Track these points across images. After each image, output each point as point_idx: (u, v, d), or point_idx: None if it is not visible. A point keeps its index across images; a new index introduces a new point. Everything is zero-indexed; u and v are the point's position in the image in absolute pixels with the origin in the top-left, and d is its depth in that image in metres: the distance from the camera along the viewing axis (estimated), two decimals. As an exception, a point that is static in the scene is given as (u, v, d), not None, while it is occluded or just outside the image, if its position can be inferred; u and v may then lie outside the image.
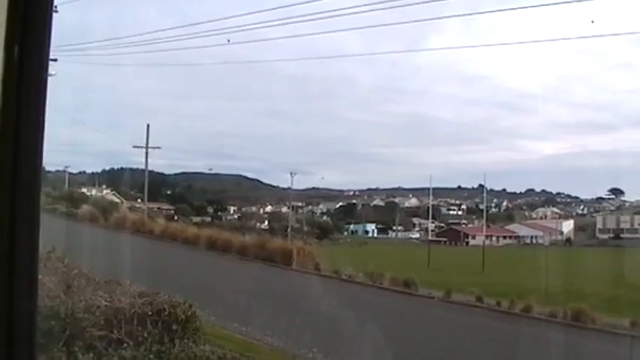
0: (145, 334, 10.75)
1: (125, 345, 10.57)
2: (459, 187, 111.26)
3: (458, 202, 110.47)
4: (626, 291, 29.75)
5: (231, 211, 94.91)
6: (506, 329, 24.51)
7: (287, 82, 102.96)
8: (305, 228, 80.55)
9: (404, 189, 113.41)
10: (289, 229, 68.42)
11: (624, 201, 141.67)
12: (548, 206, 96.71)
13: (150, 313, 11.06)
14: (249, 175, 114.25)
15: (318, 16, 28.62)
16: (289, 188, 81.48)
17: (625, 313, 24.34)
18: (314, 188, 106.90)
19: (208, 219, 79.41)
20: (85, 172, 77.59)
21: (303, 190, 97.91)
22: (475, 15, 31.04)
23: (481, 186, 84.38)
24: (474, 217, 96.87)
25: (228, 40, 32.90)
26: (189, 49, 45.09)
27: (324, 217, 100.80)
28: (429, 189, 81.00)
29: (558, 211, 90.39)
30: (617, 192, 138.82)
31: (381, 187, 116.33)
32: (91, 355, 10.05)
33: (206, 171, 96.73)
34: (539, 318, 24.76)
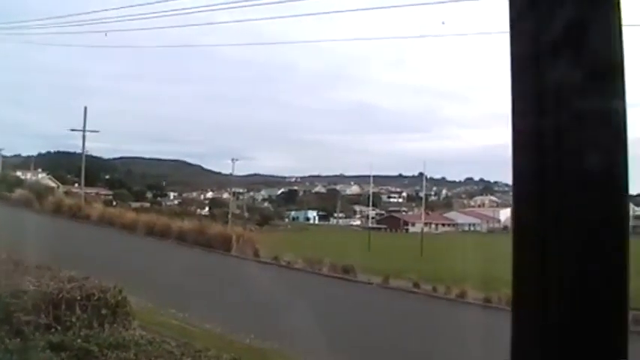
0: (74, 319, 10.56)
1: (53, 330, 10.37)
2: (400, 174, 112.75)
3: (398, 189, 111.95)
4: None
5: (172, 197, 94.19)
6: (439, 313, 24.93)
7: (232, 67, 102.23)
8: (246, 214, 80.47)
9: (345, 176, 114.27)
10: (230, 215, 68.18)
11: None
12: (486, 194, 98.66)
13: (79, 297, 10.86)
14: (190, 160, 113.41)
15: (263, 1, 28.38)
16: (231, 174, 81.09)
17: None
18: (255, 174, 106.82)
19: (148, 204, 78.46)
20: (20, 155, 75.92)
21: (245, 176, 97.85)
22: (419, 6, 31.26)
23: (421, 174, 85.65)
24: (413, 204, 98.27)
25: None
26: (133, 31, 44.35)
27: (266, 204, 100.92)
28: (370, 176, 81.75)
29: (496, 200, 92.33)
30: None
31: (323, 173, 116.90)
32: (19, 340, 9.82)
33: (146, 155, 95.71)
34: (474, 303, 25.23)
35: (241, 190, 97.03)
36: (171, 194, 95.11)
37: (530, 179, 1.39)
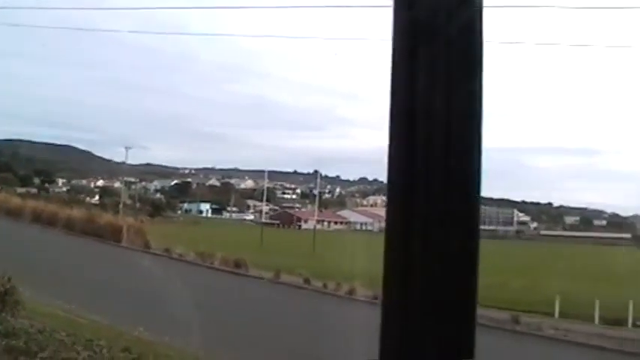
0: (-39, 307, 10.34)
1: (-61, 318, 10.11)
2: (295, 171, 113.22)
3: (293, 186, 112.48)
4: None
5: (60, 184, 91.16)
6: (326, 309, 25.34)
7: (131, 53, 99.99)
8: (137, 204, 78.85)
9: (240, 170, 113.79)
10: (121, 205, 66.69)
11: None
12: (380, 194, 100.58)
13: (-34, 285, 10.64)
14: (81, 146, 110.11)
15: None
16: (123, 163, 79.06)
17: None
18: (149, 164, 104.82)
19: (34, 190, 75.61)
20: None
21: (138, 165, 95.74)
22: (324, 8, 31.73)
23: (316, 171, 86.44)
24: (307, 201, 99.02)
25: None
26: (24, 9, 42.67)
27: (158, 195, 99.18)
28: (264, 171, 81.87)
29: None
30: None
31: (218, 166, 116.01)
32: None
33: (34, 139, 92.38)
34: (362, 300, 25.77)
35: (133, 180, 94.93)
36: (60, 181, 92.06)
37: (401, 181, 1.49)
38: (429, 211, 1.45)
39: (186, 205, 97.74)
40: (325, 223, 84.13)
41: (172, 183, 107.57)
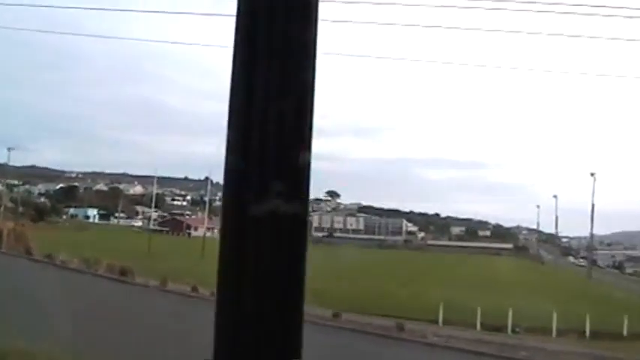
0: None
1: None
2: (186, 177, 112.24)
3: (183, 192, 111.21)
4: (335, 283, 32.37)
5: None
6: (210, 317, 25.07)
7: (19, 50, 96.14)
8: (20, 208, 76.02)
9: (129, 175, 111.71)
10: (1, 208, 64.12)
11: (339, 203, 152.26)
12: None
13: None
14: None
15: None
16: (5, 164, 76.11)
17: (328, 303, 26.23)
18: (33, 166, 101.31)
19: None
20: None
21: (21, 167, 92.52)
22: (219, 16, 31.68)
23: (207, 178, 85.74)
24: (198, 208, 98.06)
25: None
26: None
27: (42, 198, 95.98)
28: (154, 177, 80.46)
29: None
30: (333, 194, 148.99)
31: (106, 171, 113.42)
32: None
33: None
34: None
35: (16, 182, 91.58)
36: None
37: (236, 183, 1.51)
38: (260, 210, 1.47)
39: (72, 210, 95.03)
40: (215, 231, 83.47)
41: (58, 187, 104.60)
